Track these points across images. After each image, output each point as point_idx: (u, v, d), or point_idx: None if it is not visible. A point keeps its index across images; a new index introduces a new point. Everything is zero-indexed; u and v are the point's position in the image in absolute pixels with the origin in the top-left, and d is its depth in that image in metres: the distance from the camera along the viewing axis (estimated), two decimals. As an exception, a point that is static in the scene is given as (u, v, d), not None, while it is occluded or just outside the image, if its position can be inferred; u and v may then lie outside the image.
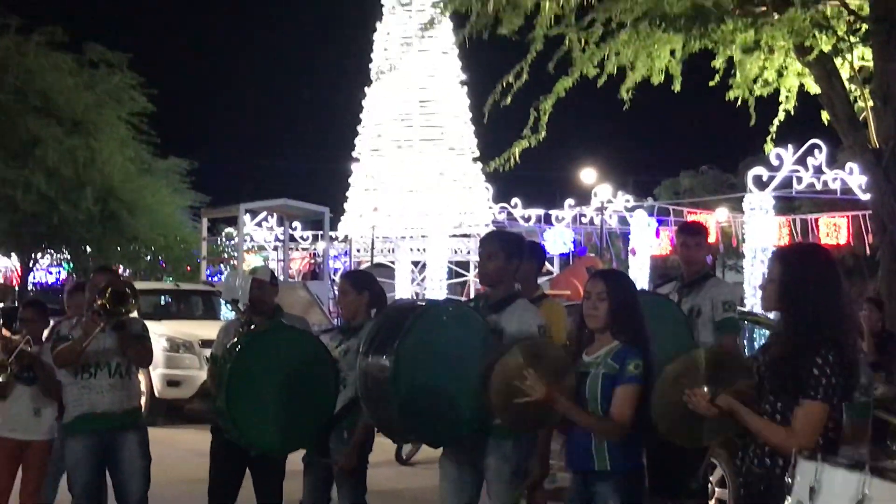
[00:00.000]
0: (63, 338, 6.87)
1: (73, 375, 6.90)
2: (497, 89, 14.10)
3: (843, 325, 4.35)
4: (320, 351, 6.34)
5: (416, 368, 5.16)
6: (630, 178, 46.63)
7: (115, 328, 6.79)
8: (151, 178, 32.13)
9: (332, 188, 44.08)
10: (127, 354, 6.91)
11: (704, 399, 4.44)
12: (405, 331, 5.15)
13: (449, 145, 40.97)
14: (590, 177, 39.53)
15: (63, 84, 29.66)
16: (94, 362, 6.85)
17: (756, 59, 13.69)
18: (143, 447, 7.03)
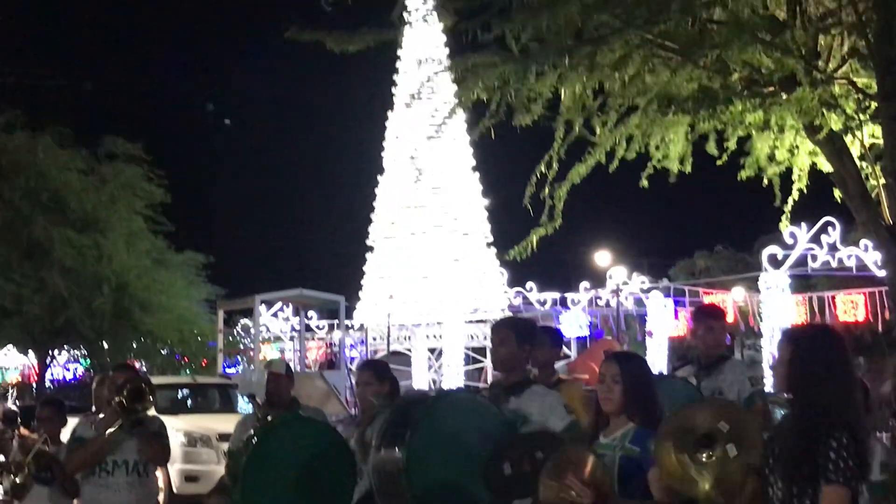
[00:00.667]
0: (80, 440, 6.85)
1: (90, 473, 6.86)
2: (533, 180, 14.22)
3: (856, 407, 4.32)
4: (336, 442, 6.29)
5: (429, 460, 5.11)
6: (645, 260, 46.65)
7: (134, 425, 6.76)
8: (167, 272, 32.27)
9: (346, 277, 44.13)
10: (144, 453, 6.87)
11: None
12: (416, 422, 5.12)
13: (462, 231, 41.08)
14: (604, 259, 39.54)
15: (74, 183, 29.96)
16: (112, 460, 6.81)
17: (767, 139, 13.78)
18: None
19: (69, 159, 30.50)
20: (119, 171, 31.33)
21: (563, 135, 13.85)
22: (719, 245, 51.86)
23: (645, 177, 14.39)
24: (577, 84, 12.99)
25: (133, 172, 31.42)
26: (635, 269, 38.56)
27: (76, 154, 30.81)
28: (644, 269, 40.38)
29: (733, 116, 12.68)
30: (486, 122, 13.86)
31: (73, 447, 6.88)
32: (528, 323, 6.04)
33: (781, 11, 12.66)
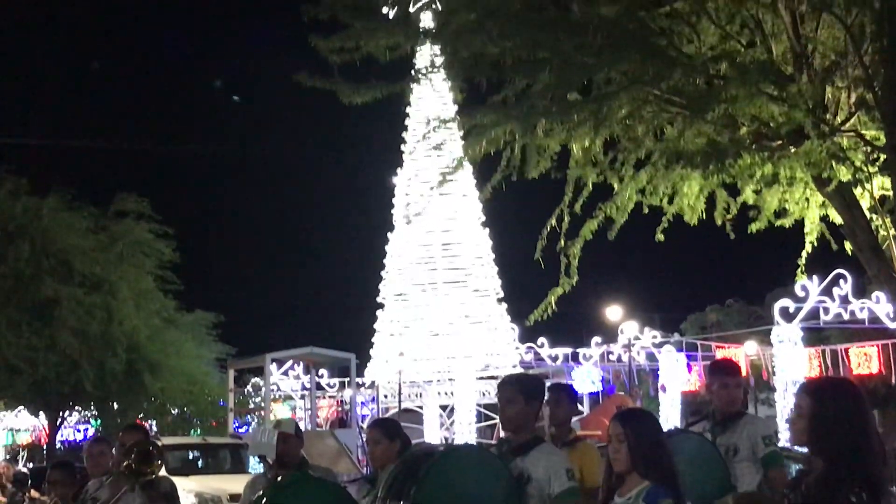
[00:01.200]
0: (91, 499, 6.82)
1: None
2: (544, 233, 14.24)
3: (875, 461, 4.27)
4: (346, 502, 6.23)
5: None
6: (656, 315, 46.52)
7: (144, 487, 6.73)
8: (177, 332, 32.26)
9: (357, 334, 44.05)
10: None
11: None
12: (422, 476, 5.05)
13: (473, 287, 41.03)
14: (615, 314, 39.41)
15: (81, 244, 30.02)
16: None
17: (776, 192, 13.78)
18: None
19: (75, 220, 30.59)
20: (128, 229, 31.43)
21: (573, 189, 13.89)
22: (731, 299, 51.76)
23: (660, 230, 14.39)
24: (586, 138, 13.04)
25: (142, 231, 31.52)
26: (647, 323, 38.48)
27: (84, 214, 30.90)
28: (656, 324, 40.29)
29: (742, 170, 12.70)
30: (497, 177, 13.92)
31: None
32: (536, 380, 5.96)
33: (788, 65, 12.72)
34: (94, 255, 30.23)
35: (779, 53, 13.04)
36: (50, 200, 30.33)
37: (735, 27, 13.25)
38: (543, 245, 14.46)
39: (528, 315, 15.23)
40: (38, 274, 29.23)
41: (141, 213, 31.71)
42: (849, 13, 11.95)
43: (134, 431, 7.28)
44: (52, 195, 30.52)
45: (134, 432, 7.24)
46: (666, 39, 12.89)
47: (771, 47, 13.04)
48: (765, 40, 13.06)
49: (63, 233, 29.92)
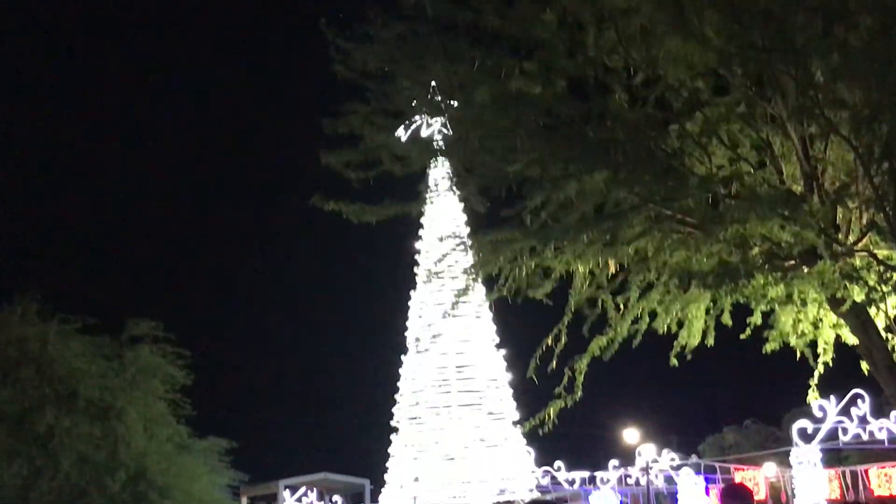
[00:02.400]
0: None
1: None
2: (537, 353, 14.15)
3: None
4: None
5: None
6: (674, 437, 46.00)
7: None
8: (189, 457, 31.99)
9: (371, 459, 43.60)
10: None
11: None
12: None
13: (487, 410, 40.72)
14: (633, 436, 39.01)
15: (87, 370, 29.95)
16: None
17: (790, 313, 13.73)
18: None
19: (84, 346, 30.57)
20: (140, 355, 31.38)
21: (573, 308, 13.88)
22: (748, 419, 51.31)
23: (674, 355, 14.34)
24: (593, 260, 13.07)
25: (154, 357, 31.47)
26: (664, 445, 38.03)
27: (94, 341, 30.92)
28: (673, 446, 39.80)
29: (755, 290, 12.67)
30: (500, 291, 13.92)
31: None
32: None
33: (798, 185, 12.79)
34: (102, 382, 30.10)
35: (789, 174, 13.12)
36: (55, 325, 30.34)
37: (745, 149, 13.34)
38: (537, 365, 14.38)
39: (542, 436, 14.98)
40: (40, 403, 29.08)
41: (155, 337, 31.73)
42: (857, 135, 12.03)
43: None
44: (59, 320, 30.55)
45: None
46: (677, 160, 12.99)
47: (781, 168, 13.13)
48: (774, 161, 13.16)
49: (69, 359, 29.86)
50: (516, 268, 13.51)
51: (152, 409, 30.94)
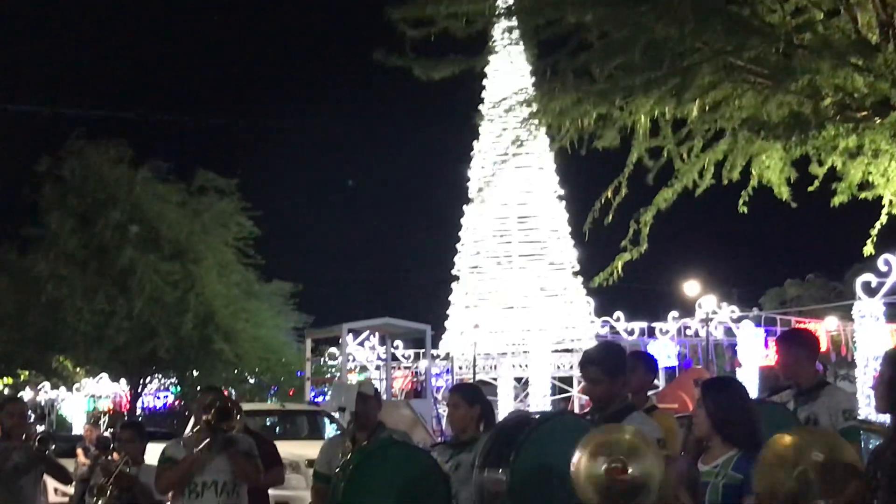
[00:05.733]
0: (170, 459, 6.91)
1: (180, 494, 6.93)
2: (596, 206, 14.11)
3: None
4: (432, 466, 6.28)
5: (533, 482, 5.07)
6: (734, 289, 46.02)
7: (224, 445, 6.82)
8: (256, 302, 32.66)
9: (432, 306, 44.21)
10: (236, 472, 6.92)
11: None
12: (521, 443, 5.08)
13: (549, 260, 40.98)
14: (693, 289, 39.10)
15: (168, 214, 30.62)
16: (201, 481, 6.87)
17: (860, 165, 13.52)
18: None
19: (167, 192, 31.21)
20: (212, 203, 31.90)
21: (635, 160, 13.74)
22: (811, 273, 51.10)
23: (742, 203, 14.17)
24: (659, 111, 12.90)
25: (226, 206, 31.97)
26: (725, 298, 38.12)
27: (171, 188, 31.50)
28: (734, 299, 39.92)
29: (825, 142, 12.48)
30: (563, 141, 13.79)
31: (164, 466, 6.95)
32: (616, 355, 5.85)
33: (873, 34, 12.46)
34: (179, 227, 30.78)
35: (864, 22, 12.77)
36: (144, 170, 31.03)
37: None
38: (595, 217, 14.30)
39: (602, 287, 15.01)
40: (122, 243, 29.85)
41: (223, 190, 32.18)
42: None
43: (212, 391, 7.37)
44: (147, 166, 31.23)
45: (212, 391, 7.32)
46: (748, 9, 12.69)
47: (856, 16, 12.77)
48: (849, 8, 12.80)
49: (153, 203, 30.54)
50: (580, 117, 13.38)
51: (223, 256, 31.58)
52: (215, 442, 6.78)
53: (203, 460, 6.81)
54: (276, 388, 34.78)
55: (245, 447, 7.05)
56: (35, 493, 7.50)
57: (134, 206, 30.45)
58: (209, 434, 6.76)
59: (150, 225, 30.43)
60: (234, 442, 6.93)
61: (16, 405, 7.61)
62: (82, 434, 22.16)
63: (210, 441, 6.77)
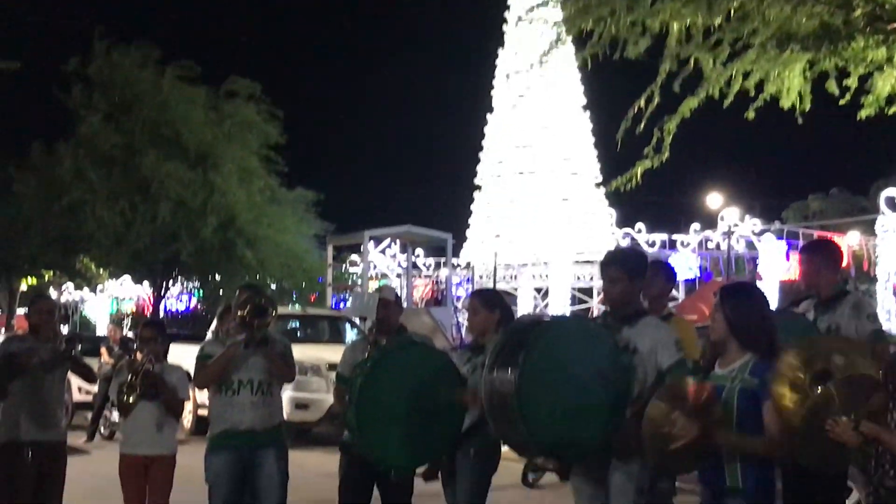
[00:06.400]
0: (207, 356, 7.04)
1: (217, 391, 7.06)
2: (629, 115, 13.95)
3: None
4: (450, 368, 6.36)
5: (541, 383, 5.10)
6: (757, 202, 45.81)
7: (259, 345, 6.92)
8: (279, 208, 32.74)
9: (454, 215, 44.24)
10: (271, 371, 7.03)
11: (848, 428, 4.36)
12: (530, 345, 5.11)
13: (571, 171, 40.80)
14: (715, 201, 38.96)
15: (193, 118, 30.58)
16: (237, 379, 6.99)
17: (889, 77, 13.35)
18: (282, 465, 7.11)
19: (193, 94, 31.13)
20: (237, 109, 31.82)
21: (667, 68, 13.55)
22: (834, 188, 50.80)
23: (753, 108, 13.96)
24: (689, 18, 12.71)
25: (251, 112, 31.88)
26: (747, 210, 37.96)
27: (196, 92, 31.41)
28: (756, 212, 39.73)
29: (855, 53, 12.31)
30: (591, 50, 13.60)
31: (202, 363, 7.07)
32: (638, 256, 5.89)
33: (907, -57, 12.22)
34: (203, 130, 30.77)
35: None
36: (172, 71, 30.95)
37: None
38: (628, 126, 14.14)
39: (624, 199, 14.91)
40: (146, 147, 29.91)
41: (251, 95, 32.07)
42: None
43: (249, 289, 7.43)
44: (174, 68, 31.13)
45: (249, 289, 7.38)
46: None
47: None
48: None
49: (178, 105, 30.50)
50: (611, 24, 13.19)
51: (246, 162, 31.58)
52: (251, 340, 6.88)
53: (240, 357, 6.92)
54: (297, 293, 34.92)
55: (280, 348, 7.15)
56: (60, 391, 7.60)
57: (160, 106, 30.41)
58: (244, 331, 6.87)
59: (174, 128, 30.42)
60: (270, 341, 7.03)
61: (44, 302, 7.68)
62: (106, 334, 22.44)
63: (245, 338, 6.87)
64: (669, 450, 4.75)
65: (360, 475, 6.93)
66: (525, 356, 5.04)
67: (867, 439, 4.39)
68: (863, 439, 4.39)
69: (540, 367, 5.08)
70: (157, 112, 30.36)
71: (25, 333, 7.59)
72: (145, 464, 7.28)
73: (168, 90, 30.55)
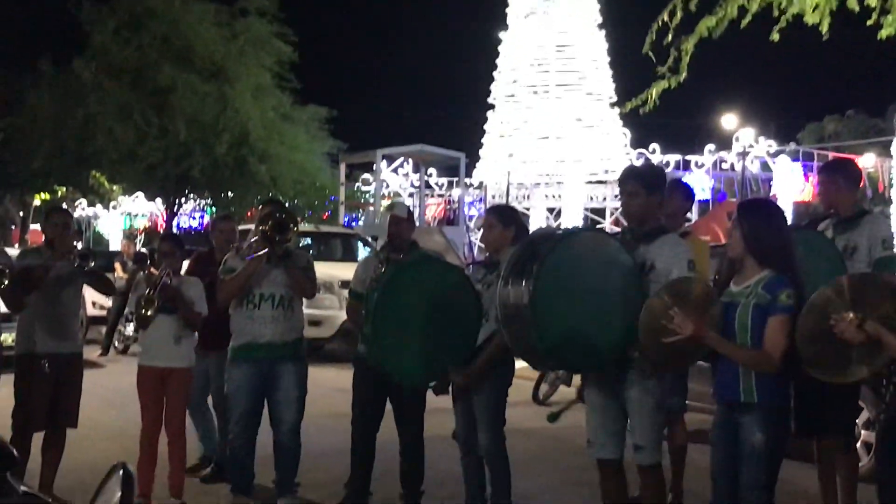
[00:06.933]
0: (230, 270, 7.08)
1: (238, 305, 7.11)
2: (653, 28, 13.75)
3: None
4: (464, 283, 6.36)
5: (555, 295, 5.09)
6: (772, 124, 45.49)
7: (280, 258, 6.95)
8: (291, 125, 32.62)
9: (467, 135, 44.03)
10: (292, 285, 7.07)
11: (852, 324, 4.36)
12: (544, 257, 5.09)
13: (586, 90, 40.46)
14: (730, 122, 38.68)
15: (205, 34, 30.37)
16: (258, 293, 7.04)
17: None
18: (300, 378, 7.20)
19: (205, 11, 30.88)
20: (250, 26, 31.57)
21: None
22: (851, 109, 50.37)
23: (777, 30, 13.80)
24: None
25: (264, 29, 31.63)
26: (762, 131, 37.73)
27: (209, 8, 31.16)
28: (771, 133, 39.48)
29: (877, -31, 12.10)
30: None
31: (223, 277, 7.11)
32: (657, 171, 5.86)
33: None
34: (216, 46, 30.58)
35: None
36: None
37: None
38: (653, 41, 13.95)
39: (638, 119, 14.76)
40: (159, 60, 29.73)
41: (264, 11, 31.80)
42: None
43: (272, 204, 7.44)
44: None
45: (272, 204, 7.40)
46: None
47: None
48: None
49: (190, 21, 30.27)
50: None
51: (259, 79, 31.40)
52: (273, 254, 6.91)
53: (261, 271, 6.94)
54: (310, 211, 34.95)
55: (302, 262, 7.18)
56: (76, 304, 7.62)
57: (172, 23, 30.18)
58: (266, 246, 6.90)
59: (187, 43, 30.23)
60: (291, 256, 7.05)
61: (59, 215, 7.67)
62: (120, 249, 22.55)
63: (267, 253, 6.90)
64: (662, 343, 4.81)
65: (373, 389, 7.00)
66: (538, 267, 5.03)
67: (869, 339, 4.39)
68: (865, 338, 4.39)
69: (553, 278, 5.07)
70: (168, 27, 30.15)
71: (41, 246, 7.59)
72: (163, 376, 7.33)
73: (180, 6, 30.31)
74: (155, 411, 7.37)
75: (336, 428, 8.81)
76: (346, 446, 7.37)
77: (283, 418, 7.13)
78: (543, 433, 10.44)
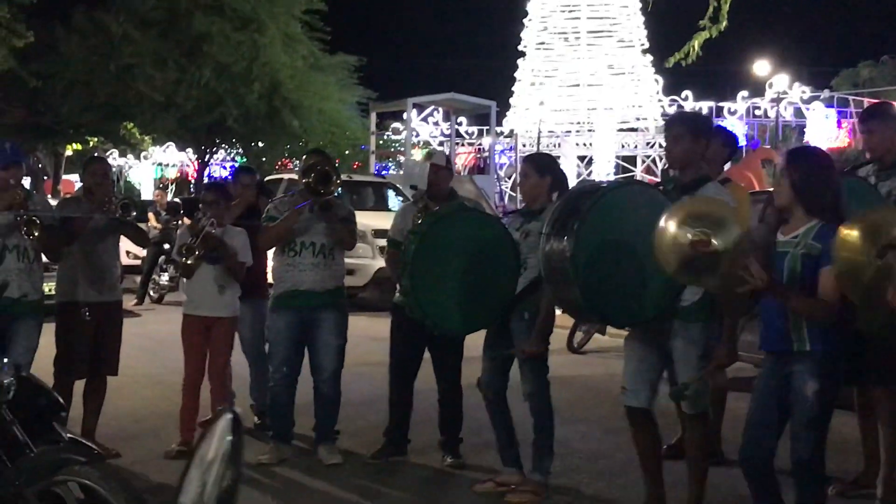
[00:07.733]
0: (272, 218, 7.12)
1: (280, 252, 7.15)
2: None
3: None
4: (502, 233, 6.34)
5: (598, 249, 5.12)
6: (806, 69, 44.96)
7: (322, 209, 6.97)
8: (321, 74, 32.54)
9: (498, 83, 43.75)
10: (332, 235, 7.09)
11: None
12: (586, 211, 5.09)
13: (618, 37, 40.10)
14: (764, 68, 38.27)
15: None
16: (300, 241, 7.08)
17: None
18: (340, 327, 7.25)
19: None
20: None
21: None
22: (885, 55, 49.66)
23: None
24: None
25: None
26: (796, 78, 37.30)
27: None
28: (805, 79, 39.03)
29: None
30: None
31: (265, 224, 7.15)
32: (702, 118, 5.85)
33: None
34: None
35: None
36: None
37: None
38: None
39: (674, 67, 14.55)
40: (189, 11, 29.67)
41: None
42: None
43: (315, 154, 7.44)
44: None
45: (315, 155, 7.40)
46: None
47: None
48: None
49: None
50: None
51: (289, 27, 31.29)
52: (314, 204, 6.93)
53: (302, 221, 6.97)
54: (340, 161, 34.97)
55: (343, 213, 7.20)
56: (115, 253, 7.66)
57: None
58: (308, 196, 6.91)
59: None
60: (333, 206, 7.06)
61: (99, 164, 7.70)
62: (152, 199, 22.63)
63: (310, 203, 6.92)
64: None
65: (411, 336, 7.03)
66: (580, 223, 5.05)
67: None
68: None
69: (596, 232, 5.10)
70: None
71: (79, 196, 7.62)
72: (206, 325, 7.40)
73: None
74: (198, 360, 7.43)
75: (372, 376, 8.85)
76: (383, 394, 7.43)
77: (323, 366, 7.18)
78: (579, 381, 10.49)
